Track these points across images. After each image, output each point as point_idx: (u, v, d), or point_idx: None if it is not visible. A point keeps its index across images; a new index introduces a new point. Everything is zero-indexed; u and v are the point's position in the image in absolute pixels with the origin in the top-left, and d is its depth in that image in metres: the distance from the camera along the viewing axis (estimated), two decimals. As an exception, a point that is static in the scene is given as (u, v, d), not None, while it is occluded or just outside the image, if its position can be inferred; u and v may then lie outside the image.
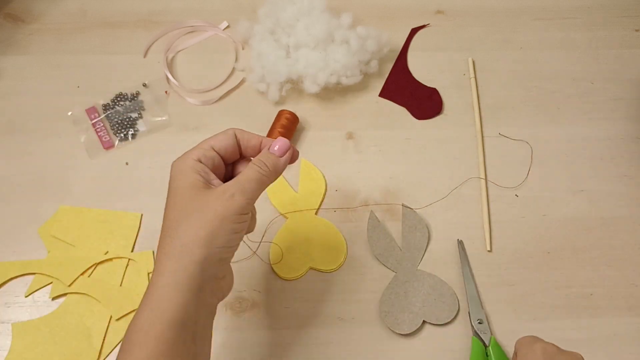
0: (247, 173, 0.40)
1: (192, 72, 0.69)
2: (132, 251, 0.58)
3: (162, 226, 0.39)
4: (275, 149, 0.42)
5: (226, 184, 0.40)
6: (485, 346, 0.52)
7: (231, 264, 0.43)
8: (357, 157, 0.64)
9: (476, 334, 0.53)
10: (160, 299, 0.36)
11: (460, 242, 0.58)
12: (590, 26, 0.74)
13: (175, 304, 0.36)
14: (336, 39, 0.65)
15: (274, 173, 0.42)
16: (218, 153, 0.42)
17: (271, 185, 0.42)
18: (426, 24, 0.73)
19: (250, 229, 0.45)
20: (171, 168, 0.41)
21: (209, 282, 0.38)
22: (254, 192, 0.40)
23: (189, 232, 0.37)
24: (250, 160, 0.43)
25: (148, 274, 0.56)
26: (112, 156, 0.63)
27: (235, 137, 0.42)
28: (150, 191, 0.61)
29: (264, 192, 0.42)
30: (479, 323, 0.54)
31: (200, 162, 0.40)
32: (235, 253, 0.41)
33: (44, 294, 0.55)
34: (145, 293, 0.37)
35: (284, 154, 0.43)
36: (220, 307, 0.55)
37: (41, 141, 0.64)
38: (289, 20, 0.66)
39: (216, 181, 0.41)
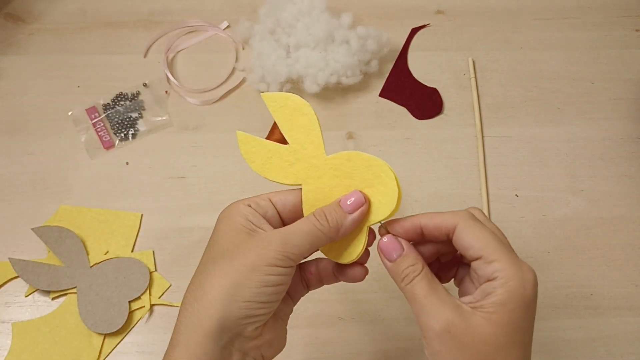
0: (298, 223, 0.35)
1: (192, 72, 0.69)
2: (132, 251, 0.58)
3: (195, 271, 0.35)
4: (348, 203, 0.35)
5: (272, 231, 0.34)
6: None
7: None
8: (357, 157, 0.64)
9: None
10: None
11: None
12: (590, 26, 0.74)
13: None
14: (336, 39, 0.65)
15: (334, 231, 0.35)
16: (274, 206, 0.37)
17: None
18: (426, 24, 0.73)
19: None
20: (220, 213, 0.37)
21: (236, 342, 0.33)
22: (300, 247, 0.33)
23: (211, 281, 0.32)
24: None
25: (151, 273, 0.56)
26: (112, 156, 0.63)
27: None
28: (150, 191, 0.61)
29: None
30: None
31: (250, 207, 0.35)
32: None
33: (44, 294, 0.55)
34: (167, 351, 0.34)
35: (356, 210, 0.35)
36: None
37: (41, 141, 0.64)
38: (289, 20, 0.66)
39: (267, 226, 0.35)
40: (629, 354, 0.54)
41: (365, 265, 0.39)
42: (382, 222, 0.37)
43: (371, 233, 0.38)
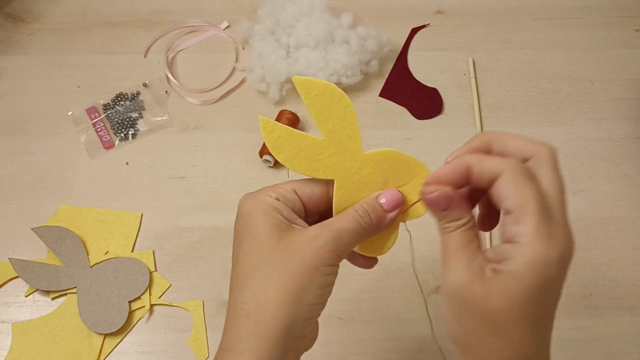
0: (344, 219, 0.33)
1: (192, 72, 0.69)
2: (132, 251, 0.58)
3: (233, 275, 0.33)
4: (383, 201, 0.34)
5: (315, 228, 0.32)
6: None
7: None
8: (357, 157, 0.64)
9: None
10: None
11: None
12: (590, 26, 0.74)
13: None
14: (336, 39, 0.65)
15: (375, 228, 0.34)
16: (301, 199, 0.34)
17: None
18: (426, 24, 0.73)
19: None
20: (241, 204, 0.34)
21: (294, 344, 0.32)
22: (348, 245, 0.33)
23: (273, 286, 0.31)
24: None
25: (151, 273, 0.56)
26: (112, 156, 0.63)
27: (331, 185, 0.35)
28: (150, 191, 0.61)
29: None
30: (479, 324, 0.53)
31: (279, 200, 0.33)
32: None
33: (44, 294, 0.55)
34: (217, 357, 0.32)
35: (394, 209, 0.35)
36: (219, 307, 0.55)
37: (41, 141, 0.64)
38: (289, 20, 0.66)
39: (300, 222, 0.34)
40: (629, 354, 0.54)
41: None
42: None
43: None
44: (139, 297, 0.55)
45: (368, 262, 0.38)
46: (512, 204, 0.30)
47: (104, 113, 0.66)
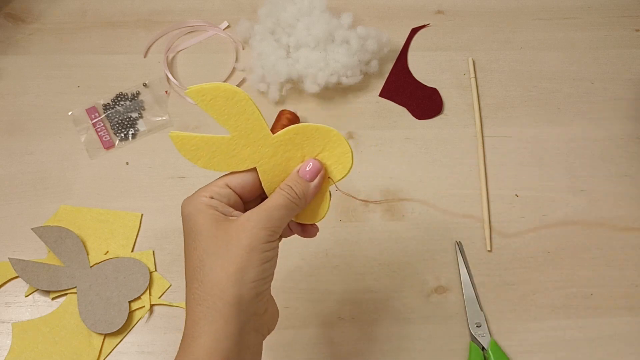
0: (273, 198, 0.36)
1: (192, 72, 0.69)
2: (132, 251, 0.58)
3: (186, 270, 0.36)
4: (306, 170, 0.38)
5: (248, 212, 0.36)
6: (484, 349, 0.52)
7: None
8: (357, 157, 0.63)
9: (474, 338, 0.53)
10: (197, 352, 0.33)
11: (458, 244, 0.58)
12: (590, 26, 0.74)
13: (216, 355, 0.33)
14: (336, 39, 0.65)
15: (303, 200, 0.38)
16: (234, 190, 0.37)
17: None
18: (426, 23, 0.73)
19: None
20: (182, 208, 0.37)
21: (250, 322, 0.35)
22: (281, 219, 0.36)
23: (217, 271, 0.34)
24: None
25: (151, 273, 0.56)
26: (112, 156, 0.63)
27: (257, 171, 0.38)
28: (150, 191, 0.61)
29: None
30: (477, 326, 0.54)
31: (214, 198, 0.36)
32: None
33: (44, 294, 0.55)
34: (181, 345, 0.34)
35: (315, 177, 0.38)
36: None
37: (41, 141, 0.64)
38: (289, 20, 0.66)
39: (236, 212, 0.37)
40: (629, 354, 0.54)
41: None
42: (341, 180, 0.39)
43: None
44: (139, 297, 0.55)
45: (308, 230, 0.41)
46: None
47: (104, 113, 0.66)
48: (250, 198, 0.39)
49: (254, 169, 0.38)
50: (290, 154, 0.38)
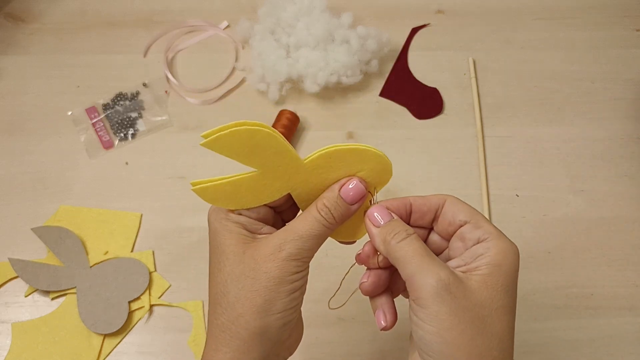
0: (307, 224, 0.34)
1: (192, 72, 0.69)
2: (131, 251, 0.58)
3: (210, 290, 0.35)
4: (349, 191, 0.35)
5: (279, 234, 0.33)
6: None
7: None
8: (357, 157, 0.64)
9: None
10: None
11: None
12: (591, 26, 0.74)
13: None
14: (336, 39, 0.65)
15: (340, 223, 0.35)
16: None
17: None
18: (426, 23, 0.73)
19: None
20: (209, 222, 0.35)
21: (273, 349, 0.34)
22: (313, 249, 0.34)
23: (242, 301, 0.32)
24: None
25: (150, 273, 0.56)
26: (112, 156, 0.63)
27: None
28: (150, 191, 0.61)
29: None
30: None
31: (241, 215, 0.35)
32: None
33: (43, 294, 0.55)
34: None
35: (357, 201, 0.35)
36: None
37: (41, 141, 0.64)
38: (289, 19, 0.66)
39: (266, 229, 0.35)
40: (629, 354, 0.54)
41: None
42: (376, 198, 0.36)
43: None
44: (138, 298, 0.55)
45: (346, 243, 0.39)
46: (467, 215, 0.34)
47: (104, 113, 0.66)
48: (283, 208, 0.37)
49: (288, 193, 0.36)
50: (325, 176, 0.35)
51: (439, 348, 0.30)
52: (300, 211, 0.37)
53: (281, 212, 0.38)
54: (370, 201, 0.37)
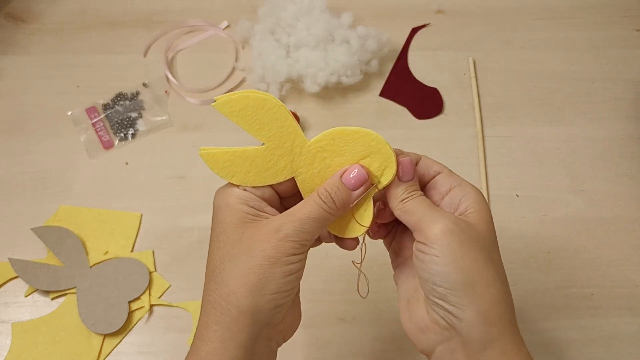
0: (307, 207, 0.34)
1: (192, 72, 0.69)
2: (131, 251, 0.58)
3: (207, 266, 0.35)
4: (350, 177, 0.35)
5: (279, 217, 0.34)
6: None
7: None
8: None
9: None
10: (205, 357, 0.32)
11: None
12: (591, 26, 0.74)
13: None
14: (336, 39, 0.65)
15: (341, 209, 0.35)
16: (271, 185, 0.36)
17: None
18: (426, 23, 0.73)
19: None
20: (214, 198, 0.35)
21: (264, 331, 0.34)
22: (312, 233, 0.34)
23: (236, 279, 0.32)
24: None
25: (150, 273, 0.56)
26: (112, 156, 0.63)
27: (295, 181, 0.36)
28: (150, 191, 0.61)
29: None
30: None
31: (246, 191, 0.35)
32: None
33: (43, 294, 0.55)
34: (191, 345, 0.34)
35: (359, 186, 0.35)
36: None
37: (41, 141, 0.64)
38: (289, 19, 0.66)
39: (269, 209, 0.35)
40: (629, 354, 0.54)
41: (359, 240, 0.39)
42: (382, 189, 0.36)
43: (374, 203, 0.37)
44: (138, 298, 0.55)
45: (345, 242, 0.39)
46: (439, 167, 0.38)
47: (104, 113, 0.66)
48: (288, 194, 0.37)
49: (292, 178, 0.36)
50: (329, 161, 0.35)
51: (455, 277, 0.32)
52: None
53: (287, 202, 0.38)
54: (375, 197, 0.37)
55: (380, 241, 0.60)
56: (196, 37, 0.72)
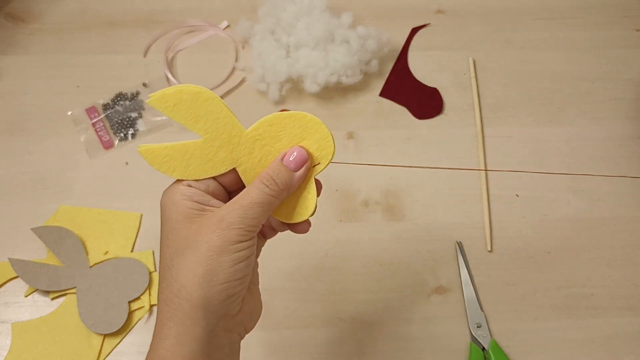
0: (250, 193, 0.34)
1: (192, 72, 0.69)
2: (131, 251, 0.58)
3: (159, 265, 0.35)
4: (290, 159, 0.35)
5: (223, 208, 0.34)
6: (484, 350, 0.52)
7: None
8: (358, 157, 0.64)
9: (474, 338, 0.53)
10: (163, 354, 0.32)
11: (459, 244, 0.58)
12: (591, 26, 0.74)
13: (181, 358, 0.32)
14: (336, 39, 0.65)
15: (285, 191, 0.35)
16: (214, 178, 0.36)
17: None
18: (426, 23, 0.73)
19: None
20: (161, 197, 0.36)
21: (221, 323, 0.34)
22: (257, 218, 0.33)
23: (184, 272, 0.32)
24: None
25: (150, 273, 0.56)
26: (112, 156, 0.63)
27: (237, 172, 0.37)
28: (150, 191, 0.61)
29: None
30: (478, 327, 0.54)
31: (191, 186, 0.35)
32: None
33: (43, 294, 0.55)
34: (150, 346, 0.33)
35: (300, 167, 0.35)
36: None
37: (41, 141, 0.64)
38: (289, 19, 0.66)
39: (215, 202, 0.35)
40: (629, 354, 0.54)
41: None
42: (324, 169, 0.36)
43: (317, 184, 0.37)
44: (138, 298, 0.55)
45: (302, 228, 0.38)
46: None
47: (104, 113, 0.66)
48: (235, 188, 0.37)
49: (234, 170, 0.36)
50: (268, 148, 0.36)
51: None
52: None
53: (235, 195, 0.37)
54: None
55: (380, 241, 0.60)
56: (196, 37, 0.72)
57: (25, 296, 0.55)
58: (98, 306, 0.53)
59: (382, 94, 0.68)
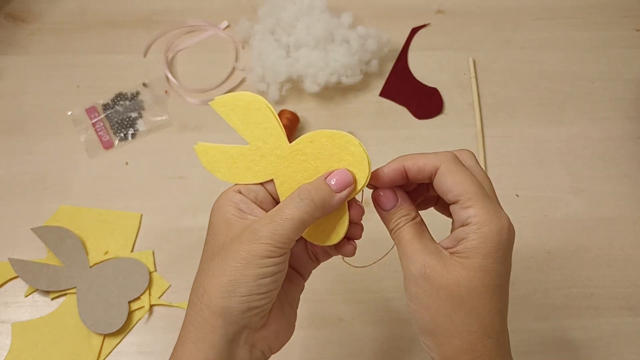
0: (284, 208, 0.33)
1: (192, 72, 0.69)
2: (131, 251, 0.58)
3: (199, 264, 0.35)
4: (333, 182, 0.34)
5: (259, 219, 0.33)
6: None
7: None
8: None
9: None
10: (182, 357, 0.32)
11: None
12: (591, 26, 0.74)
13: None
14: (336, 39, 0.65)
15: (321, 210, 0.33)
16: (265, 187, 0.36)
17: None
18: (426, 23, 0.73)
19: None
20: (215, 200, 0.36)
21: (241, 335, 0.33)
22: (288, 234, 0.32)
23: (210, 279, 0.32)
24: None
25: (150, 273, 0.56)
26: (112, 156, 0.63)
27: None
28: (150, 191, 0.61)
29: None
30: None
31: (241, 193, 0.35)
32: None
33: (43, 294, 0.55)
34: (174, 347, 0.34)
35: (343, 189, 0.34)
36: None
37: (41, 141, 0.64)
38: (289, 19, 0.66)
39: (258, 211, 0.35)
40: (629, 354, 0.54)
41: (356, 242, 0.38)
42: (360, 190, 0.35)
43: (352, 207, 0.36)
44: (138, 298, 0.55)
45: (346, 251, 0.38)
46: (456, 194, 0.33)
47: (104, 113, 0.66)
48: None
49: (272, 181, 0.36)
50: (306, 165, 0.35)
51: (420, 323, 0.33)
52: None
53: None
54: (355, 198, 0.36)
55: (380, 242, 0.59)
56: (196, 37, 0.72)
57: (25, 296, 0.55)
58: (98, 306, 0.53)
59: (382, 94, 0.68)
